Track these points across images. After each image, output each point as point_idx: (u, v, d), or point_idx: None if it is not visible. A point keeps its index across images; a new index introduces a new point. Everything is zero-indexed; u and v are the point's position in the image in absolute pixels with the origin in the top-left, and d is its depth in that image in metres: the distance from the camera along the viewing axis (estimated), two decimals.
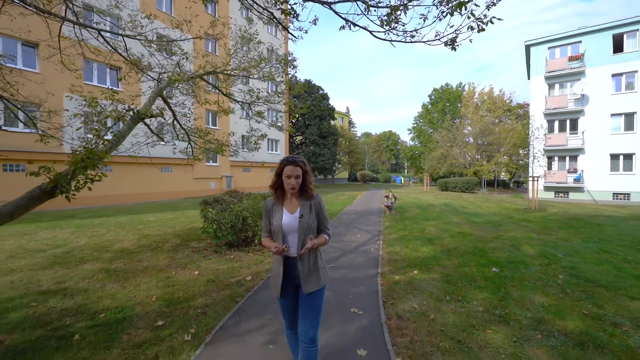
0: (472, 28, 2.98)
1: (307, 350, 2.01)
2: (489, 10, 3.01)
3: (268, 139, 26.65)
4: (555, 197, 21.83)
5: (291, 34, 3.70)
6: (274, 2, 3.24)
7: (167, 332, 2.99)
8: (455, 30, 3.08)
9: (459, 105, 41.13)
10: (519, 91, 77.91)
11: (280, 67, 8.26)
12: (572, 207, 14.57)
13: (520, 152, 31.13)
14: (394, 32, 3.26)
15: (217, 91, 6.93)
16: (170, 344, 2.78)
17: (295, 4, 3.18)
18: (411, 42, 3.35)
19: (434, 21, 3.01)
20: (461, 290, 4.17)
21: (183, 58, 6.08)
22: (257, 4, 3.38)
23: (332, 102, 36.89)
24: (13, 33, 10.80)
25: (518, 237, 7.40)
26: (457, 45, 3.24)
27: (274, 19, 3.46)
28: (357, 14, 3.03)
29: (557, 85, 22.26)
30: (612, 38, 20.14)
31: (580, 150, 21.06)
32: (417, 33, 3.30)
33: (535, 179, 13.35)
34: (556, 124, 22.19)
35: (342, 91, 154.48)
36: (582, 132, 20.89)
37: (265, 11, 3.43)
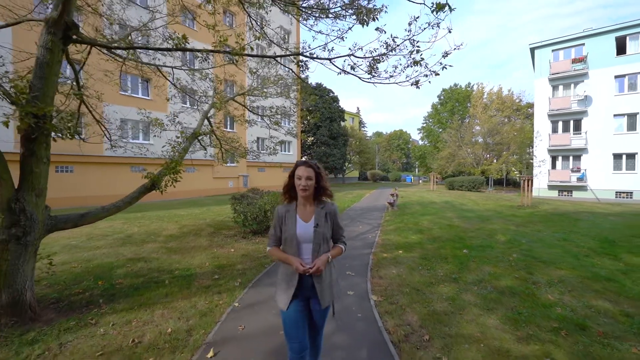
0: (426, 75, 4.38)
1: (317, 356, 2.15)
2: (445, 58, 4.35)
3: (281, 141, 28.43)
4: (559, 195, 22.51)
5: (301, 79, 5.13)
6: (291, 60, 4.71)
7: (222, 281, 4.52)
8: (416, 77, 4.47)
9: (468, 105, 41.74)
10: (532, 90, 76.73)
11: (294, 83, 9.74)
12: (564, 205, 15.49)
13: (529, 150, 31.65)
14: (376, 77, 4.67)
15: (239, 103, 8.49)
16: (226, 287, 4.31)
17: (306, 61, 4.64)
18: (388, 83, 4.76)
19: (399, 73, 4.40)
20: (432, 264, 5.53)
21: (218, 83, 7.63)
22: (279, 63, 4.87)
23: (343, 102, 38.18)
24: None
25: (497, 229, 8.65)
26: (420, 85, 4.62)
27: (290, 69, 4.94)
28: (347, 69, 4.46)
29: (561, 87, 22.89)
30: (615, 40, 20.67)
31: (583, 150, 21.68)
32: (395, 72, 4.69)
33: (526, 179, 14.37)
34: (560, 124, 22.83)
35: (353, 91, 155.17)
36: (586, 132, 21.51)
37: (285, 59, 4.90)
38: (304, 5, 5.02)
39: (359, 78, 4.66)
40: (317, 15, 5.02)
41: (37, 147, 3.25)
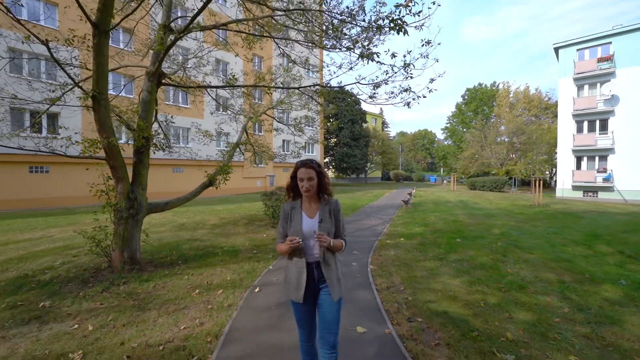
0: (414, 99, 5.65)
1: (329, 356, 1.98)
2: (432, 83, 5.58)
3: (305, 142, 30.17)
4: (584, 196, 22.28)
5: (322, 104, 6.59)
6: (315, 91, 6.18)
7: (260, 255, 6.08)
8: (407, 99, 5.75)
9: (494, 104, 41.21)
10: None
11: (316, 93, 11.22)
12: (579, 205, 15.77)
13: (557, 150, 31.00)
14: (377, 100, 6.00)
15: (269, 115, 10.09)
16: (263, 257, 5.85)
17: (327, 86, 6.07)
18: (386, 104, 6.10)
19: (394, 96, 5.71)
20: (426, 249, 6.74)
21: (252, 98, 9.27)
22: (306, 94, 6.34)
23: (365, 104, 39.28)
24: (124, 71, 15.09)
25: (497, 224, 9.59)
26: (411, 106, 5.90)
27: (312, 98, 6.40)
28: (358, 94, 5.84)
29: (586, 87, 22.64)
30: None
31: (610, 150, 21.38)
32: (392, 96, 6.00)
33: (536, 179, 14.88)
34: (585, 124, 22.58)
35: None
36: (612, 132, 21.22)
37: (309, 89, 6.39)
38: (327, 44, 6.46)
39: (363, 101, 6.03)
40: (329, 49, 6.45)
41: (143, 157, 4.95)
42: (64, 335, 3.05)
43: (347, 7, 4.65)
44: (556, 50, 24.15)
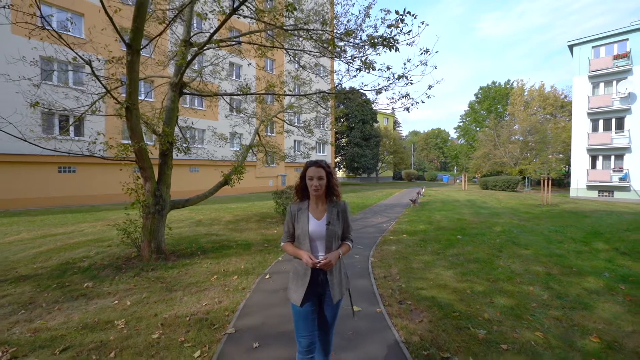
0: (412, 105, 6.07)
1: (328, 354, 2.12)
2: (430, 89, 5.99)
3: (316, 142, 30.73)
4: (599, 196, 21.94)
5: (326, 107, 7.09)
6: (321, 97, 6.69)
7: (270, 248, 6.63)
8: (406, 104, 6.17)
9: (508, 102, 40.61)
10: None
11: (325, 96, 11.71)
12: (588, 204, 15.69)
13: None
14: (378, 105, 6.47)
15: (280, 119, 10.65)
16: (273, 251, 6.40)
17: (331, 93, 6.57)
18: (387, 108, 6.54)
19: (395, 101, 6.14)
20: (426, 244, 7.14)
21: (264, 103, 9.85)
22: (313, 101, 6.86)
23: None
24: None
25: (500, 222, 9.84)
26: (410, 110, 6.32)
27: (320, 103, 6.91)
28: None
29: (601, 84, 22.25)
30: None
31: (626, 149, 20.99)
32: (392, 101, 6.43)
33: (545, 178, 14.88)
34: (600, 122, 22.21)
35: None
36: (629, 131, 20.81)
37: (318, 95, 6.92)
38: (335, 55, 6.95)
39: (365, 105, 6.49)
40: (335, 58, 6.94)
41: (167, 159, 5.58)
42: (108, 308, 3.67)
43: (345, 28, 5.12)
44: (570, 47, 23.78)
